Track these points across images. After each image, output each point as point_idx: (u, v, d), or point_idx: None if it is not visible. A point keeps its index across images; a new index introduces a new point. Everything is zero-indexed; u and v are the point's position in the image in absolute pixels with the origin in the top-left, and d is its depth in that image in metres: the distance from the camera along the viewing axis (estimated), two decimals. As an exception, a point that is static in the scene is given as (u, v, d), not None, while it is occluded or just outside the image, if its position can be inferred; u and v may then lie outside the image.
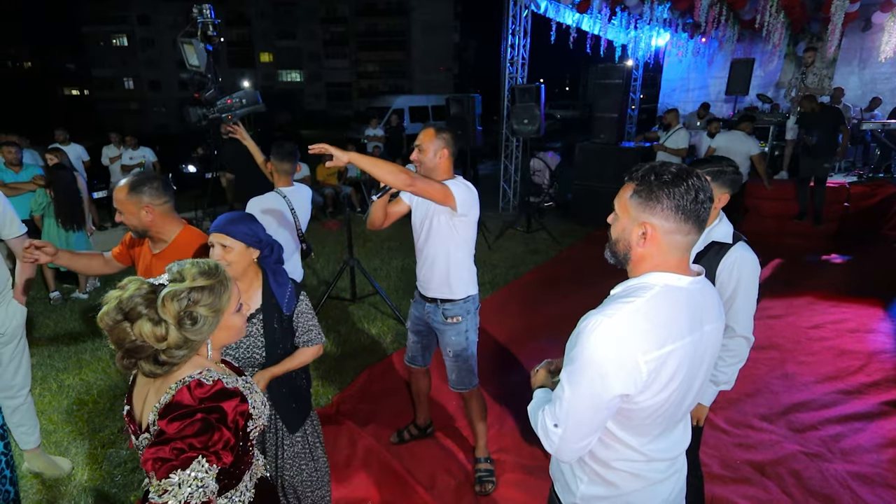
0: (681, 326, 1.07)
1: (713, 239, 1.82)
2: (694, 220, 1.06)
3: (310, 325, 1.86)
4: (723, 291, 1.77)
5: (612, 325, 1.04)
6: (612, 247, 1.18)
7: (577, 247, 6.66)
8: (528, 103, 6.87)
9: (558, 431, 1.11)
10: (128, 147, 7.77)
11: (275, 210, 2.90)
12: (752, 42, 9.59)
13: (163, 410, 1.06)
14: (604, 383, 1.04)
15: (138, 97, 49.10)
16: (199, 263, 1.15)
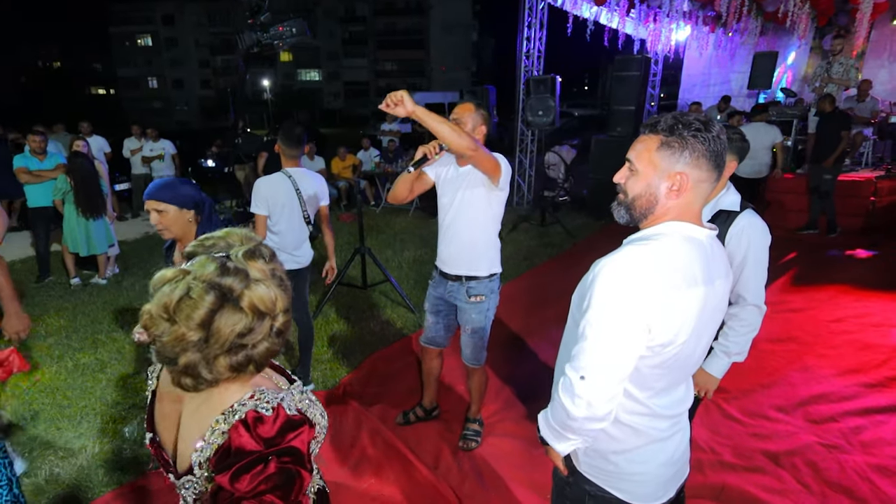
0: (695, 274, 1.06)
1: (721, 207, 1.79)
2: (720, 166, 1.09)
3: None
4: (732, 259, 1.72)
5: (624, 262, 1.04)
6: (630, 205, 1.15)
7: (591, 240, 6.57)
8: (543, 94, 6.82)
9: (586, 383, 1.05)
10: (149, 139, 7.94)
11: (281, 191, 2.91)
12: (776, 35, 9.35)
13: (218, 459, 0.81)
14: (626, 317, 1.02)
15: (162, 96, 50.28)
16: (229, 233, 0.93)
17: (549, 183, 8.71)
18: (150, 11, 48.41)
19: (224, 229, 0.93)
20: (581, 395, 1.06)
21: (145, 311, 0.79)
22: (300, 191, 2.96)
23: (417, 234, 6.83)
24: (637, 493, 1.21)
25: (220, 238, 0.88)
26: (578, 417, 1.07)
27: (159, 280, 0.80)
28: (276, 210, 2.90)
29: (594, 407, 1.05)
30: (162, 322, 0.78)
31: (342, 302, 4.60)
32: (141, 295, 4.78)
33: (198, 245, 0.88)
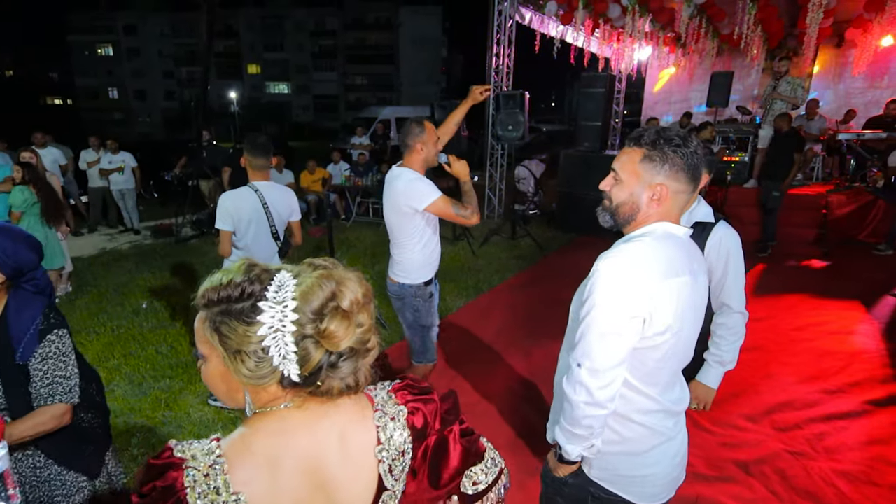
0: (682, 264, 1.17)
1: (696, 219, 1.83)
2: (697, 178, 1.19)
3: (56, 376, 1.41)
4: (714, 271, 1.78)
5: (621, 259, 1.14)
6: (615, 211, 1.25)
7: (560, 252, 6.65)
8: (513, 109, 6.91)
9: (584, 370, 1.14)
10: (108, 151, 7.62)
11: (247, 206, 2.81)
12: (732, 56, 9.82)
13: (413, 463, 0.79)
14: (620, 308, 1.11)
15: (123, 107, 48.72)
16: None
17: (519, 196, 8.81)
18: (110, 21, 47.08)
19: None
20: (580, 381, 1.15)
21: (353, 300, 0.73)
22: (268, 205, 2.84)
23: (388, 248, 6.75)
24: (644, 494, 1.27)
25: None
26: (579, 403, 1.15)
27: (326, 277, 0.73)
28: (242, 225, 2.81)
29: (593, 392, 1.13)
30: (363, 310, 0.75)
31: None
32: (94, 315, 4.53)
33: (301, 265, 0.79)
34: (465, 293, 5.11)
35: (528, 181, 8.95)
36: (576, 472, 1.29)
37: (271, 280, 0.72)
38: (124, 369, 3.59)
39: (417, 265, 2.53)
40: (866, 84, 9.06)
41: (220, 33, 46.67)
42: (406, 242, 2.48)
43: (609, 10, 7.86)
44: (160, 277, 5.59)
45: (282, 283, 0.71)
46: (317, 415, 0.74)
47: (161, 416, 3.06)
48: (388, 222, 2.54)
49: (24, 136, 7.33)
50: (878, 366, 3.55)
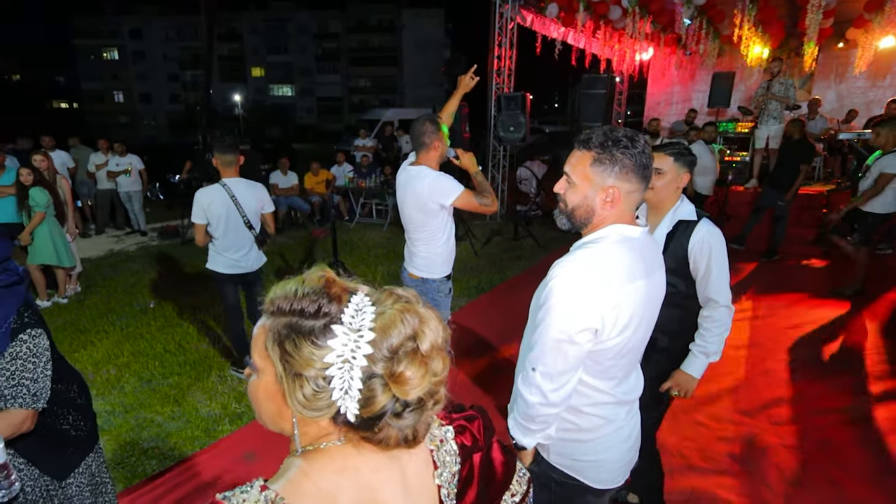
0: (636, 269, 1.18)
1: (680, 218, 1.86)
2: (648, 177, 1.20)
3: (23, 377, 1.32)
4: (697, 267, 1.81)
5: (576, 267, 1.15)
6: (570, 214, 1.26)
7: (562, 252, 6.68)
8: (514, 111, 6.98)
9: (538, 374, 1.17)
10: (115, 154, 7.73)
11: (217, 199, 3.16)
12: (733, 56, 9.85)
13: (463, 483, 0.77)
14: (573, 317, 1.13)
15: (128, 110, 49.07)
16: None
17: (521, 197, 8.87)
18: (116, 25, 47.48)
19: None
20: (534, 383, 1.18)
21: (433, 343, 0.64)
22: (236, 198, 3.18)
23: (392, 248, 6.84)
24: (600, 479, 1.32)
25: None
26: (534, 404, 1.19)
27: (408, 314, 0.64)
28: (214, 219, 3.17)
29: (547, 394, 1.17)
30: (438, 356, 0.66)
31: (316, 317, 4.55)
32: (103, 314, 4.62)
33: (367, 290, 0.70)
34: (466, 293, 5.18)
35: (530, 182, 9.01)
36: (538, 459, 1.36)
37: (349, 301, 0.64)
38: (133, 367, 3.68)
39: (442, 259, 2.59)
40: (868, 84, 9.07)
41: (224, 37, 47.02)
42: (431, 238, 2.54)
43: (610, 11, 7.92)
44: (167, 278, 5.68)
45: (360, 308, 0.63)
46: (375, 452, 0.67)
47: (170, 412, 3.14)
48: (411, 220, 2.55)
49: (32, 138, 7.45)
50: (875, 362, 3.59)
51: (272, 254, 6.73)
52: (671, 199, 1.89)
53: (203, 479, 2.56)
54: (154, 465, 2.66)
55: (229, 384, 3.47)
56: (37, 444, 1.44)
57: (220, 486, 2.49)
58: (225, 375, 3.58)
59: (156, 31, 47.64)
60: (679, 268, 1.82)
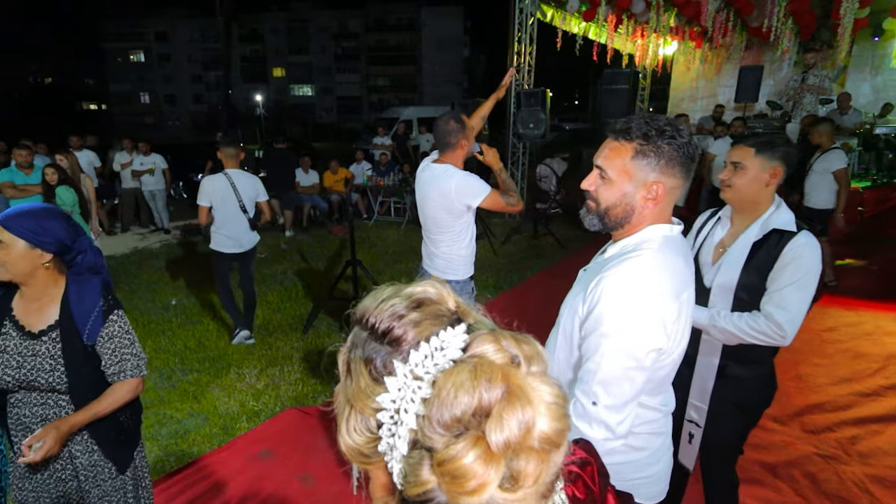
0: (687, 274, 1.09)
1: (775, 226, 1.58)
2: (692, 171, 1.09)
3: (124, 352, 1.48)
4: (775, 276, 1.54)
5: (631, 283, 1.02)
6: (604, 214, 1.12)
7: (583, 251, 6.58)
8: (534, 107, 6.87)
9: (600, 407, 1.02)
10: (140, 153, 7.88)
11: (219, 186, 3.72)
12: (761, 49, 9.54)
13: None
14: (641, 340, 1.00)
15: (154, 111, 50.25)
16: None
17: (541, 195, 8.75)
18: (143, 28, 48.65)
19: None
20: (598, 418, 1.03)
21: (514, 437, 0.41)
22: (235, 186, 3.73)
23: (410, 246, 6.80)
24: (652, 493, 1.23)
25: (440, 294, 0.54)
26: (598, 441, 1.02)
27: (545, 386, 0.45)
28: (217, 202, 3.72)
29: (614, 428, 1.03)
30: (532, 458, 0.43)
31: (333, 315, 4.54)
32: (128, 311, 4.66)
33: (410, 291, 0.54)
34: (485, 292, 5.11)
35: (550, 180, 8.88)
36: None
37: (436, 332, 0.48)
38: (155, 362, 3.71)
39: (465, 261, 2.54)
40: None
41: (246, 38, 47.78)
42: (455, 239, 2.47)
43: (633, 5, 7.73)
44: (189, 275, 5.75)
45: (439, 348, 0.47)
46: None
47: (189, 409, 3.16)
48: (434, 220, 2.47)
49: (62, 139, 7.65)
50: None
51: (291, 252, 6.77)
52: (760, 201, 1.63)
53: (219, 477, 2.55)
54: (173, 462, 2.67)
55: (247, 381, 3.48)
56: (104, 434, 1.54)
57: (236, 485, 2.48)
58: (244, 373, 3.59)
59: (180, 34, 48.65)
60: (760, 284, 1.57)
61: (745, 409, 1.75)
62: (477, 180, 2.37)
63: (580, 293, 1.12)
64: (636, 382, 1.02)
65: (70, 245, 1.44)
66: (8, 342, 1.42)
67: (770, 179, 1.60)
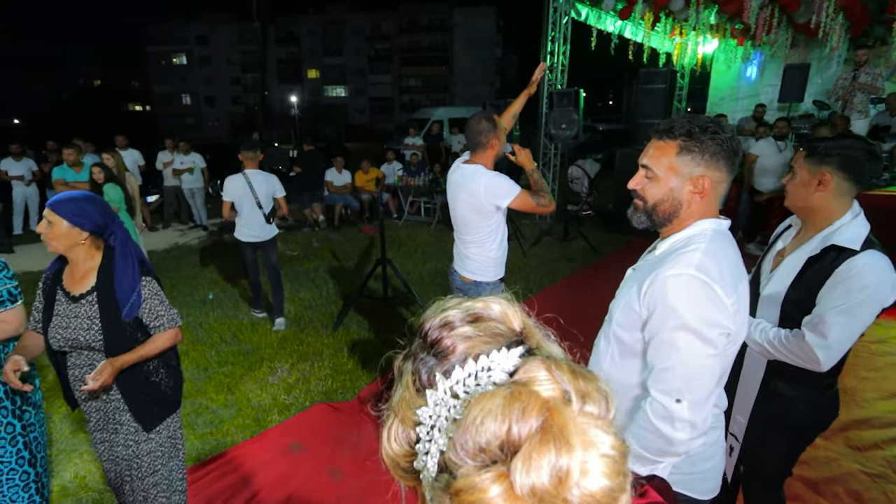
0: (740, 265, 1.12)
1: (833, 242, 1.44)
2: (735, 165, 1.12)
3: (158, 310, 1.76)
4: (825, 294, 1.42)
5: (694, 275, 1.04)
6: (652, 210, 1.17)
7: (615, 254, 6.45)
8: (566, 107, 6.78)
9: (684, 405, 1.03)
10: (180, 152, 8.18)
11: (238, 184, 4.15)
12: (808, 47, 9.14)
13: None
14: (711, 324, 1.02)
15: (194, 112, 52.04)
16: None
17: (573, 197, 8.63)
18: (185, 31, 50.47)
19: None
20: (683, 418, 1.03)
21: (543, 483, 0.35)
22: (252, 185, 4.15)
23: (439, 247, 6.82)
24: (706, 488, 1.23)
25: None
26: (684, 440, 1.04)
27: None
28: (237, 199, 4.16)
29: (698, 426, 1.04)
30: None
31: (363, 313, 4.60)
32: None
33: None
34: (513, 294, 5.06)
35: (582, 181, 8.75)
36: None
37: (488, 351, 0.45)
38: (192, 354, 3.85)
39: (495, 262, 2.53)
40: (968, 74, 8.15)
41: (283, 40, 48.94)
42: (485, 240, 2.47)
43: (671, 2, 7.53)
44: (225, 271, 5.93)
45: (490, 366, 0.44)
46: None
47: (224, 400, 3.26)
48: (464, 221, 2.48)
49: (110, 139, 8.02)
50: (975, 385, 3.19)
51: (323, 250, 6.90)
52: (815, 209, 1.52)
53: (251, 467, 2.62)
54: (208, 451, 2.75)
55: (279, 375, 3.56)
56: (133, 390, 1.75)
57: (267, 476, 2.54)
58: (276, 367, 3.67)
59: (220, 37, 50.20)
60: (809, 302, 1.46)
61: (790, 431, 1.64)
62: (506, 180, 2.35)
63: (633, 292, 1.14)
64: (715, 372, 1.04)
65: (103, 226, 1.70)
66: (59, 307, 1.70)
67: (818, 186, 1.49)
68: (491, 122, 2.37)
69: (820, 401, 1.60)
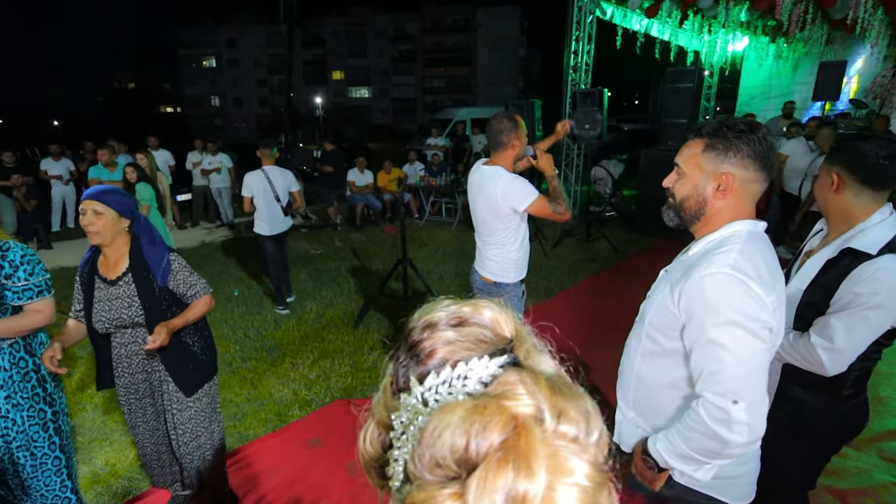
0: (777, 266, 1.11)
1: (850, 245, 1.41)
2: (768, 168, 1.10)
3: (190, 281, 1.98)
4: (837, 298, 1.39)
5: (730, 273, 1.03)
6: (679, 207, 1.20)
7: (638, 256, 6.35)
8: (590, 107, 6.70)
9: (741, 406, 1.00)
10: (208, 153, 8.40)
11: (257, 180, 4.50)
12: (844, 44, 8.82)
13: None
14: (755, 318, 1.01)
15: (223, 113, 53.31)
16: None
17: (595, 198, 8.53)
18: (215, 35, 51.77)
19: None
20: (741, 421, 0.99)
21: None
22: (270, 180, 4.51)
23: (460, 247, 6.83)
24: (741, 494, 1.22)
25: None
26: (741, 444, 1.01)
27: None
28: (256, 193, 4.49)
29: (756, 429, 1.00)
30: None
31: (383, 312, 4.64)
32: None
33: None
34: (534, 294, 5.04)
35: (606, 182, 8.64)
36: (671, 483, 1.22)
37: (469, 358, 0.41)
38: (217, 349, 3.94)
39: (515, 264, 2.52)
40: None
41: (309, 43, 49.68)
42: (504, 242, 2.47)
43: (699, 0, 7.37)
44: (250, 268, 6.06)
45: (467, 374, 0.40)
46: None
47: (247, 394, 3.33)
48: (483, 223, 2.48)
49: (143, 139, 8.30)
50: None
51: (345, 249, 6.98)
52: (835, 210, 1.49)
53: (272, 460, 2.68)
54: (231, 443, 2.82)
55: (300, 371, 3.63)
56: (174, 359, 1.95)
57: (287, 470, 2.59)
58: (297, 363, 3.74)
59: (248, 39, 51.32)
60: (822, 303, 1.44)
61: (807, 440, 1.58)
62: (524, 184, 2.34)
63: (667, 293, 1.14)
64: (765, 368, 1.03)
65: (134, 213, 1.92)
66: (99, 293, 1.89)
67: (832, 187, 1.47)
68: (512, 122, 2.36)
69: (841, 409, 1.54)
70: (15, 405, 1.83)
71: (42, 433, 1.91)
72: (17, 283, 1.79)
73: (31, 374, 1.87)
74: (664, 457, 1.14)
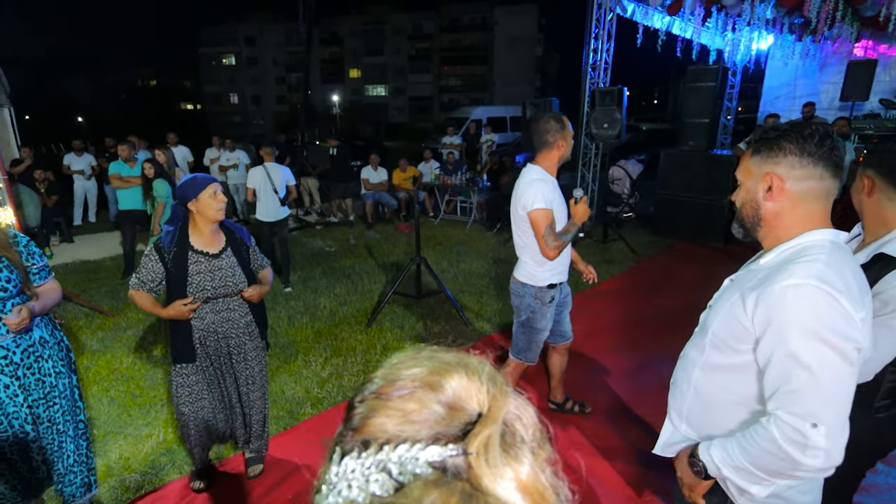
0: (864, 280, 1.03)
1: (883, 251, 1.39)
2: (825, 162, 1.02)
3: (259, 255, 2.42)
4: (877, 309, 1.34)
5: (816, 285, 0.96)
6: (739, 216, 1.17)
7: (655, 259, 6.22)
8: (609, 106, 6.59)
9: (821, 431, 0.93)
10: (226, 149, 8.47)
11: (259, 174, 5.17)
12: (875, 41, 8.54)
13: None
14: (842, 336, 0.94)
15: (241, 110, 53.97)
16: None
17: (613, 198, 8.40)
18: (234, 33, 52.39)
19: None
20: (818, 446, 0.93)
21: None
22: (269, 175, 5.14)
23: (474, 246, 6.78)
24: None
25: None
26: (813, 468, 0.95)
27: None
28: (258, 187, 5.15)
29: (833, 456, 0.94)
30: None
31: (396, 310, 4.61)
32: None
33: None
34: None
35: (623, 182, 8.50)
36: (715, 493, 1.16)
37: (400, 442, 0.35)
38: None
39: (545, 268, 2.50)
40: None
41: (327, 41, 50.00)
42: (530, 244, 2.45)
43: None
44: (265, 265, 6.09)
45: (385, 464, 0.34)
46: None
47: (259, 391, 3.33)
48: (514, 220, 2.50)
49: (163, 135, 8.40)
50: None
51: (359, 247, 6.98)
52: (869, 214, 1.46)
53: (282, 458, 2.67)
54: (242, 441, 2.82)
55: (312, 369, 3.62)
56: (259, 308, 2.40)
57: (296, 468, 2.58)
58: (310, 361, 3.73)
59: (267, 38, 51.83)
60: None
61: None
62: (542, 192, 2.29)
63: (737, 304, 1.08)
64: (851, 391, 0.95)
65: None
66: (199, 265, 2.17)
67: (865, 191, 1.46)
68: (559, 123, 2.33)
69: (870, 423, 1.47)
70: (58, 373, 2.01)
71: (77, 399, 2.11)
72: (36, 265, 1.96)
73: (62, 344, 2.06)
74: (717, 465, 1.08)
